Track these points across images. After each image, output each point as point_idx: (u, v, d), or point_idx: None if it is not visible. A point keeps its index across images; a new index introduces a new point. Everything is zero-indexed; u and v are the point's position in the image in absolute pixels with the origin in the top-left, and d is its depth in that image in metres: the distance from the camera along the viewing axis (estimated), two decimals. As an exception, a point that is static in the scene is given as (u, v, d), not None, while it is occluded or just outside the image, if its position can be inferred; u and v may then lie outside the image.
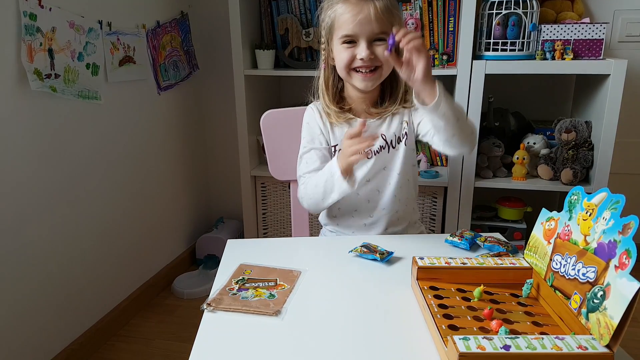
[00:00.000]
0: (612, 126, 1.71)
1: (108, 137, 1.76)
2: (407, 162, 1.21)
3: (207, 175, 2.50)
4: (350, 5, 1.10)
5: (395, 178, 1.21)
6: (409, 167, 1.23)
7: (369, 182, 1.23)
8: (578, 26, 1.71)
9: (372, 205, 1.24)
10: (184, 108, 2.24)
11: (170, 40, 2.08)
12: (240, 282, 0.94)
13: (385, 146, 1.21)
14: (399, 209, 1.24)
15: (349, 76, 1.16)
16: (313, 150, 1.25)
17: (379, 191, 1.23)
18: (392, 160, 1.21)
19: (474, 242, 1.08)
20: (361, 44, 1.11)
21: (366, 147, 1.03)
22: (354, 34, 1.11)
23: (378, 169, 1.22)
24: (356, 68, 1.13)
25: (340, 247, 1.07)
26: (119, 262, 1.86)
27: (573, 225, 0.79)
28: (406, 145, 1.20)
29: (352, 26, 1.10)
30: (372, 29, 1.09)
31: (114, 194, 1.81)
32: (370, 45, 1.11)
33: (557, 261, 0.80)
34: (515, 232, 1.93)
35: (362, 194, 1.24)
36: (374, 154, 1.21)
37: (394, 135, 1.20)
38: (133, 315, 1.91)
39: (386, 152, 1.21)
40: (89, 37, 1.61)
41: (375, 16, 1.09)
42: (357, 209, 1.26)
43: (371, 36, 1.10)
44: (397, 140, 1.21)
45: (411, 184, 1.25)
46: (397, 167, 1.21)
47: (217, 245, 2.26)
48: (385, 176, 1.22)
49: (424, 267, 0.87)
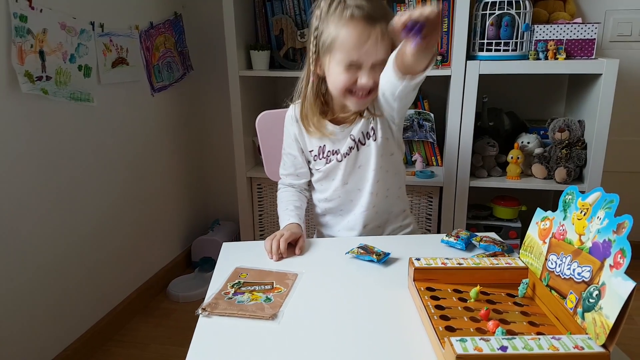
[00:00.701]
0: (604, 125, 1.72)
1: (101, 139, 1.75)
2: (381, 154, 1.20)
3: (202, 177, 2.49)
4: (357, 31, 1.06)
5: (371, 174, 1.21)
6: (386, 158, 1.21)
7: (346, 185, 1.25)
8: (570, 26, 1.72)
9: (353, 204, 1.26)
10: (178, 109, 2.24)
11: (164, 41, 2.07)
12: (236, 286, 0.93)
13: (354, 146, 1.20)
14: (376, 203, 1.24)
15: (343, 97, 1.15)
16: (288, 155, 1.31)
17: (359, 190, 1.24)
18: (365, 157, 1.21)
19: (470, 242, 1.08)
20: (364, 70, 1.09)
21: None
22: (358, 60, 1.09)
23: (352, 169, 1.23)
24: (353, 90, 1.13)
25: (337, 249, 1.08)
26: (114, 265, 1.85)
27: (568, 225, 0.79)
28: (375, 140, 1.19)
29: (359, 53, 1.07)
30: (377, 56, 1.07)
31: (108, 196, 1.80)
32: (372, 71, 1.09)
33: (553, 261, 0.80)
34: (510, 231, 1.94)
35: (342, 195, 1.26)
36: (343, 157, 1.21)
37: (361, 133, 1.19)
38: (128, 319, 1.90)
39: (356, 151, 1.21)
40: (81, 38, 1.60)
41: (381, 42, 1.06)
42: (342, 209, 1.28)
43: (374, 63, 1.09)
44: (365, 137, 1.20)
45: (390, 174, 1.24)
46: (372, 162, 1.20)
47: (213, 247, 2.25)
48: (361, 174, 1.23)
49: (420, 268, 0.87)
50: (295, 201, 1.28)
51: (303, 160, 1.29)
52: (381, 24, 1.06)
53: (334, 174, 1.24)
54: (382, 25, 1.06)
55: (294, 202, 1.28)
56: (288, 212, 1.23)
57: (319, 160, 1.26)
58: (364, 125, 1.19)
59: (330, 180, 1.26)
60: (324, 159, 1.25)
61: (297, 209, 1.26)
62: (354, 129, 1.19)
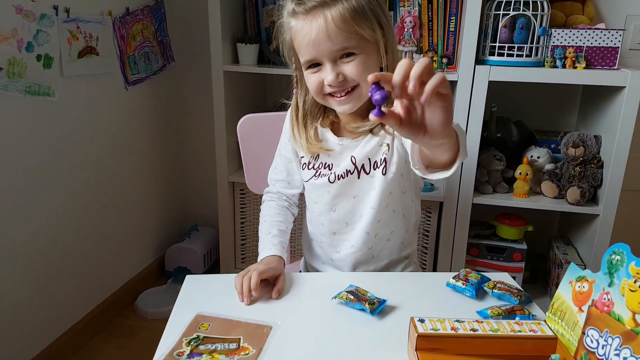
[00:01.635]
0: (625, 142, 1.55)
1: (65, 137, 1.56)
2: (390, 192, 1.00)
3: (180, 180, 2.30)
4: (300, 23, 0.90)
5: (369, 212, 1.01)
6: (395, 197, 1.01)
7: (333, 212, 1.05)
8: (592, 32, 1.54)
9: (339, 239, 1.07)
10: (156, 104, 2.04)
11: (141, 30, 1.87)
12: (193, 343, 0.76)
13: (354, 170, 1.00)
14: (374, 246, 1.05)
15: (325, 101, 0.97)
16: (282, 157, 1.14)
17: (347, 223, 1.05)
18: (364, 190, 1.01)
19: (481, 288, 0.92)
20: (325, 66, 0.91)
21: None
22: (312, 58, 0.91)
23: (343, 196, 1.03)
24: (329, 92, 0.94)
25: (323, 290, 0.90)
26: (75, 277, 1.66)
27: (615, 295, 0.62)
28: (385, 174, 0.98)
29: (309, 49, 0.90)
30: (331, 47, 0.88)
31: (70, 200, 1.61)
32: (336, 65, 0.90)
33: (593, 338, 0.64)
34: (514, 253, 1.77)
35: (325, 224, 1.07)
36: (337, 178, 1.02)
37: (367, 159, 0.99)
38: (89, 338, 1.71)
39: (355, 178, 1.00)
40: (41, 24, 1.40)
41: (330, 31, 0.87)
42: (322, 241, 1.10)
43: (333, 56, 0.89)
44: (372, 166, 0.99)
45: (398, 215, 1.04)
46: (371, 199, 1.00)
47: (189, 256, 2.07)
48: (354, 207, 1.03)
49: (425, 335, 0.70)
50: (280, 223, 1.10)
51: (298, 165, 1.11)
52: (330, 9, 0.87)
53: (321, 194, 1.05)
54: (331, 9, 0.87)
55: (279, 225, 1.09)
56: (269, 239, 1.05)
57: (307, 171, 1.07)
58: (374, 150, 0.99)
59: (314, 201, 1.08)
60: (312, 170, 1.05)
61: (282, 234, 1.07)
62: (357, 149, 1.00)
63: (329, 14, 0.87)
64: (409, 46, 1.72)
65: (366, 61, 0.90)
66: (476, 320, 0.73)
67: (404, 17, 1.71)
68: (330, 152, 1.02)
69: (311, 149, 1.02)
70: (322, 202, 1.05)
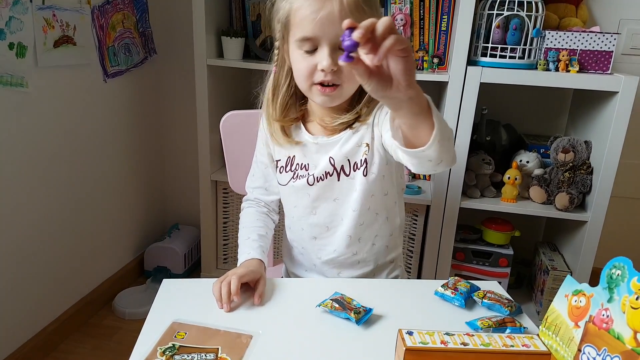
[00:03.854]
0: (616, 148, 1.53)
1: (39, 131, 1.49)
2: (372, 194, 0.96)
3: (162, 176, 2.23)
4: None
5: (350, 215, 0.97)
6: (378, 199, 0.97)
7: (314, 215, 1.01)
8: (586, 35, 1.52)
9: (320, 244, 1.02)
10: (136, 98, 1.97)
11: (122, 20, 1.80)
12: (168, 353, 0.71)
13: (333, 172, 0.96)
14: (358, 251, 1.01)
15: (308, 90, 0.91)
16: (258, 163, 1.10)
17: (328, 227, 1.00)
18: (345, 192, 0.97)
19: (470, 297, 0.88)
20: (323, 49, 0.85)
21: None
22: (314, 36, 0.84)
23: (323, 199, 0.99)
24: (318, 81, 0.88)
25: (305, 297, 0.86)
26: (49, 276, 1.58)
27: (615, 312, 0.59)
28: (365, 175, 0.94)
29: (312, 26, 0.83)
30: (337, 31, 0.81)
31: (45, 197, 1.54)
32: (335, 52, 0.85)
33: (590, 356, 0.60)
34: (500, 258, 1.75)
35: (306, 228, 1.03)
36: (316, 180, 0.97)
37: (346, 160, 0.95)
38: (63, 339, 1.64)
39: (335, 180, 0.96)
40: (14, 10, 1.32)
41: (342, 13, 0.81)
42: (303, 247, 1.05)
43: (336, 40, 0.84)
44: (352, 167, 0.95)
45: (381, 218, 1.00)
46: (352, 201, 0.96)
47: (170, 256, 2.01)
48: (335, 210, 0.99)
49: (413, 349, 0.66)
50: (259, 228, 1.05)
51: (274, 170, 1.06)
52: None
53: (300, 197, 1.00)
54: None
55: (258, 230, 1.04)
56: (249, 243, 1.00)
57: (285, 174, 1.02)
58: (353, 150, 0.94)
59: (293, 205, 1.03)
60: (290, 173, 1.01)
61: (261, 239, 1.02)
62: (334, 149, 0.95)
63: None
64: (400, 45, 1.68)
65: None
66: (466, 334, 0.69)
67: (395, 14, 1.67)
68: (304, 151, 0.98)
69: (285, 140, 0.98)
70: (302, 205, 1.01)
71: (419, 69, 1.71)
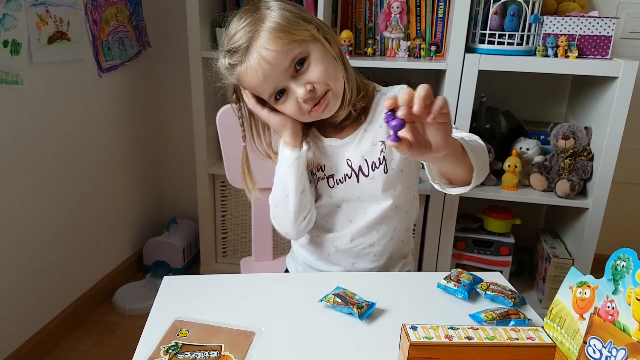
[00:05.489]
0: (617, 134, 1.52)
1: (35, 128, 1.47)
2: (395, 189, 0.97)
3: (158, 171, 2.22)
4: (242, 69, 0.87)
5: (374, 209, 0.98)
6: (400, 193, 0.98)
7: (338, 208, 1.01)
8: (585, 20, 1.50)
9: (339, 235, 1.02)
10: (131, 92, 1.95)
11: (115, 14, 1.77)
12: (171, 351, 0.70)
13: (351, 174, 0.96)
14: (376, 242, 1.01)
15: (310, 117, 0.92)
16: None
17: (350, 221, 1.01)
18: (367, 192, 0.97)
19: (473, 289, 0.88)
20: (291, 87, 0.87)
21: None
22: (274, 88, 0.87)
23: (346, 200, 0.99)
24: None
25: (308, 292, 0.85)
26: (49, 273, 1.58)
27: (620, 303, 0.58)
28: (386, 172, 0.94)
29: (265, 86, 0.87)
30: (280, 70, 0.84)
31: (42, 193, 1.52)
32: (299, 79, 0.86)
33: (596, 348, 0.60)
34: (502, 247, 1.74)
35: (327, 219, 1.03)
36: (336, 183, 0.98)
37: (363, 160, 0.95)
38: (65, 336, 1.64)
39: (354, 182, 0.96)
40: (7, 7, 1.30)
41: (270, 59, 0.83)
42: (319, 235, 1.05)
43: (289, 74, 0.85)
44: (370, 167, 0.95)
45: (400, 212, 1.00)
46: (376, 198, 0.97)
47: (169, 250, 2.00)
48: (359, 207, 0.99)
49: (417, 344, 0.65)
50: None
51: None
52: (257, 41, 0.84)
53: (322, 196, 1.00)
54: (259, 40, 0.84)
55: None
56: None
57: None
58: (369, 149, 0.94)
59: (315, 205, 1.02)
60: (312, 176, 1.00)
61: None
62: (349, 150, 0.96)
63: (259, 46, 0.83)
64: (396, 32, 1.66)
65: (320, 59, 0.86)
66: (471, 327, 0.69)
67: (391, 2, 1.65)
68: (319, 153, 0.98)
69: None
70: (325, 205, 1.01)
71: (416, 57, 1.69)
